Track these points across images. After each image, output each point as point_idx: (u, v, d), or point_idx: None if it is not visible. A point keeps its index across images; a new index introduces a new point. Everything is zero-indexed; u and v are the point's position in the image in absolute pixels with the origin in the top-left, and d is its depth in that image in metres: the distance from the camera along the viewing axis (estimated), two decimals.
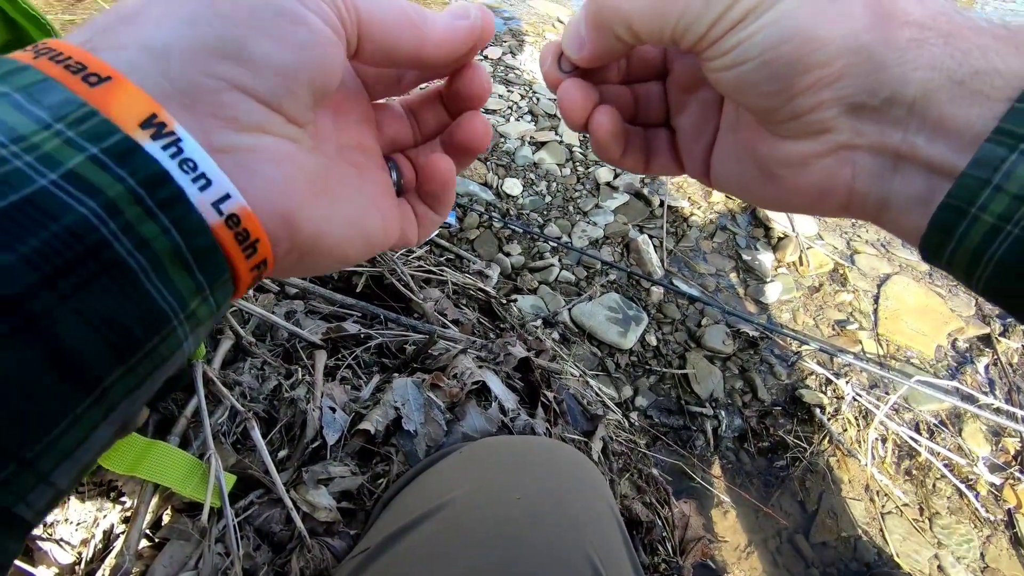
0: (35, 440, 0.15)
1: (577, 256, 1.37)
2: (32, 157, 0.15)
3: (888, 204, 0.24)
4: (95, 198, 0.15)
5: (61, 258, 0.15)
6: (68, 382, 0.15)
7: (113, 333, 0.16)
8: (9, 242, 0.14)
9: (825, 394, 1.24)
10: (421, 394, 0.68)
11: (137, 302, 0.16)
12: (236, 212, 0.18)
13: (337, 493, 0.58)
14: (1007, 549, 1.08)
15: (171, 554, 0.50)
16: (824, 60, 0.22)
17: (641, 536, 0.87)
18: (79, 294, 0.15)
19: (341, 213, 0.24)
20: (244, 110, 0.19)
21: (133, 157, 0.16)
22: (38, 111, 0.15)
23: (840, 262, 1.52)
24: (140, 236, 0.16)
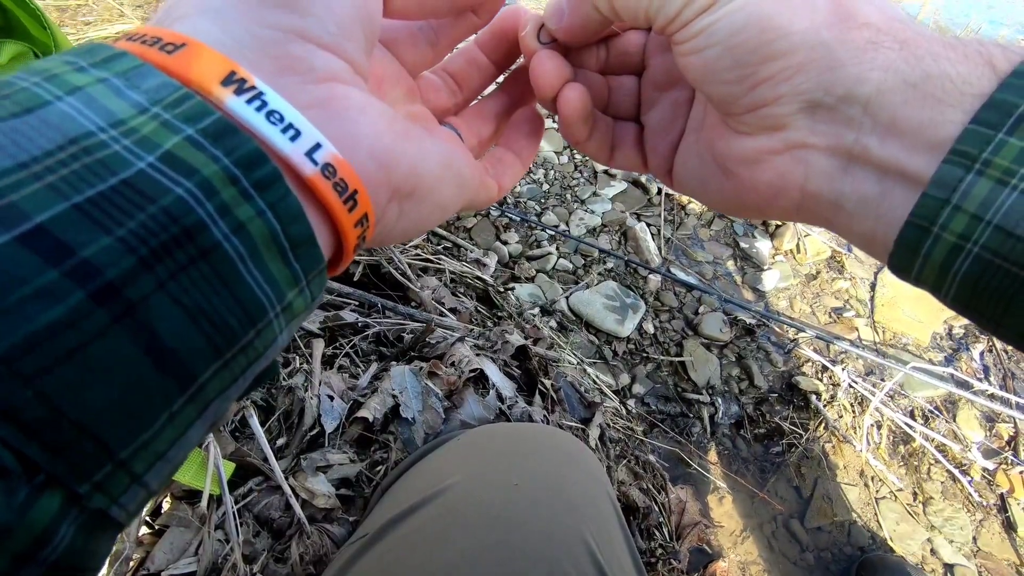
0: (131, 439, 0.14)
1: (575, 244, 1.36)
2: (130, 141, 0.15)
3: (840, 207, 0.24)
4: (191, 178, 0.15)
5: (157, 240, 0.14)
6: (165, 377, 0.14)
7: (210, 324, 0.15)
8: (107, 225, 0.14)
9: (821, 381, 1.25)
10: (419, 382, 0.68)
11: (234, 291, 0.16)
12: (330, 161, 0.18)
13: (336, 480, 0.58)
14: (999, 533, 1.10)
15: (171, 541, 0.50)
16: (785, 50, 0.22)
17: (638, 521, 0.88)
18: (176, 279, 0.14)
19: (431, 153, 0.23)
20: (314, 59, 0.19)
21: (229, 136, 0.16)
22: (136, 95, 0.15)
23: (837, 250, 1.52)
24: (236, 219, 0.15)
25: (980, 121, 0.20)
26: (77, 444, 0.13)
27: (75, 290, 0.13)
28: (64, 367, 0.13)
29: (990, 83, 0.20)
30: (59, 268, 0.13)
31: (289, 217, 0.17)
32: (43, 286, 0.13)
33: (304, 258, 0.17)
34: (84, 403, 0.13)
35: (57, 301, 0.13)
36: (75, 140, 0.14)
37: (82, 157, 0.14)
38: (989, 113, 0.20)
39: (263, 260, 0.16)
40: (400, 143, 0.21)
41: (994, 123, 0.20)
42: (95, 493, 0.14)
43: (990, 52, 0.21)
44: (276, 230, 0.16)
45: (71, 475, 0.13)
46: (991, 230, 0.20)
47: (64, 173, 0.14)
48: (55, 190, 0.13)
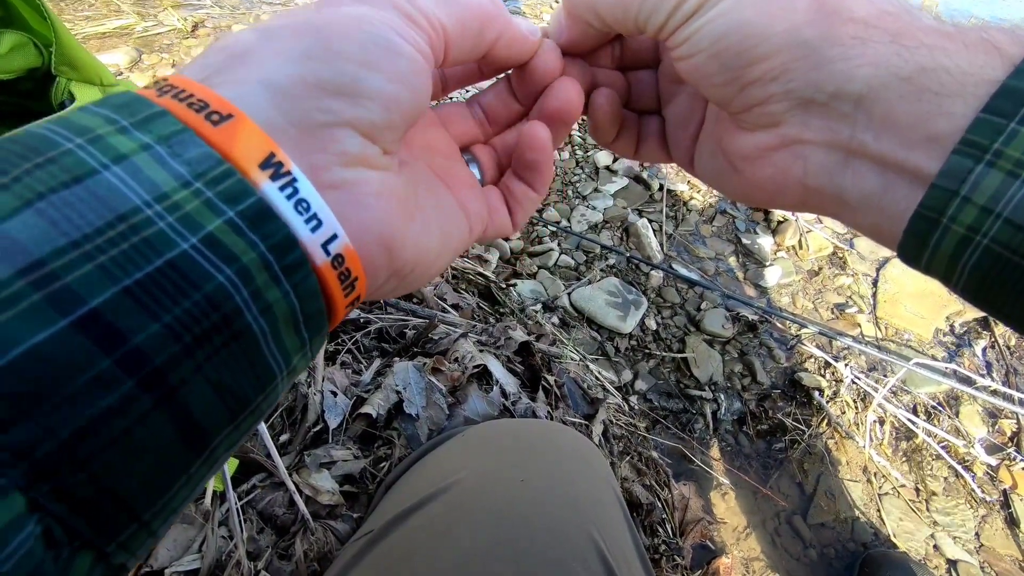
0: (154, 504, 0.16)
1: (576, 240, 1.36)
2: (174, 218, 0.15)
3: (844, 201, 0.24)
4: (231, 265, 0.16)
5: (200, 328, 0.15)
6: (189, 444, 0.16)
7: (232, 398, 0.16)
8: (154, 310, 0.14)
9: (824, 377, 1.25)
10: (422, 378, 0.68)
11: (256, 366, 0.17)
12: (342, 252, 0.19)
13: (339, 476, 0.58)
14: (1002, 529, 1.10)
15: (175, 538, 0.50)
16: (767, 53, 0.23)
17: (641, 518, 0.88)
18: (211, 361, 0.15)
19: (433, 228, 0.24)
20: (351, 144, 0.20)
21: (265, 222, 0.16)
22: (178, 166, 0.16)
23: (839, 246, 1.52)
24: (266, 301, 0.16)
25: (991, 110, 0.20)
26: (114, 515, 0.15)
27: (125, 379, 0.14)
28: (111, 450, 0.14)
29: (997, 70, 0.20)
30: (111, 356, 0.14)
31: (307, 296, 0.18)
32: (97, 374, 0.13)
33: (312, 328, 0.19)
34: (123, 481, 0.14)
35: (109, 389, 0.14)
36: (123, 217, 0.15)
37: (130, 236, 0.14)
38: (1000, 101, 0.19)
39: (281, 336, 0.17)
40: (406, 229, 0.22)
41: (1006, 112, 0.19)
42: (119, 551, 0.15)
43: (994, 38, 0.21)
44: (296, 309, 0.17)
45: (103, 538, 0.15)
46: (1001, 223, 0.20)
47: (114, 253, 0.14)
48: (105, 271, 0.14)
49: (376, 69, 0.20)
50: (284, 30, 0.20)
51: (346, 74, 0.19)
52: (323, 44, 0.19)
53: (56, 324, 0.13)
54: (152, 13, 1.77)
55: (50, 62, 0.43)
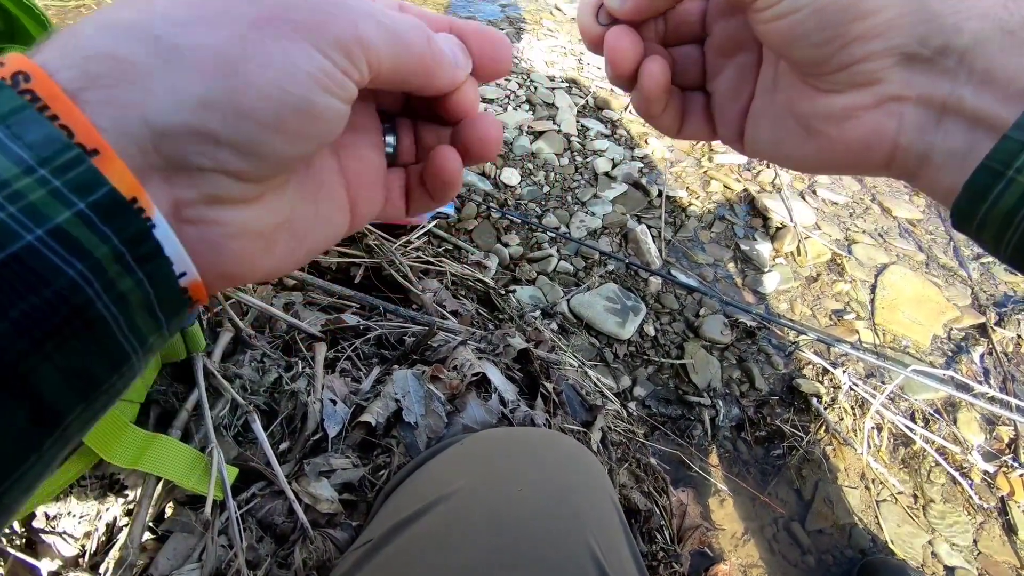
0: (5, 479, 0.15)
1: (575, 246, 1.36)
2: (16, 208, 0.14)
3: (928, 160, 0.24)
4: (83, 260, 0.15)
5: (50, 323, 0.15)
6: (39, 427, 0.16)
7: (81, 380, 0.16)
8: (1, 309, 0.14)
9: (822, 383, 1.25)
10: (421, 386, 0.68)
11: (108, 350, 0.17)
12: (188, 286, 0.19)
13: (339, 485, 0.58)
14: (1000, 536, 1.10)
15: (175, 547, 0.50)
16: (876, 7, 0.22)
17: (639, 525, 0.88)
18: (61, 351, 0.15)
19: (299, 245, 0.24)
20: (223, 187, 0.19)
21: (119, 216, 0.16)
22: (19, 150, 0.15)
23: (838, 252, 1.52)
24: (118, 291, 0.16)
25: None
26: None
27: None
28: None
29: None
30: None
31: (163, 282, 0.17)
32: None
33: (168, 309, 0.18)
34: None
35: None
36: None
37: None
38: None
39: (135, 321, 0.17)
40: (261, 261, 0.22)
41: None
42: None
43: None
44: (150, 295, 0.17)
45: None
46: None
47: None
48: None
49: (282, 132, 0.19)
50: (189, 55, 0.17)
51: (244, 134, 0.18)
52: (230, 97, 0.17)
53: None
54: None
55: None
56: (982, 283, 1.55)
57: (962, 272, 1.56)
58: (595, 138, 1.67)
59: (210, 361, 0.60)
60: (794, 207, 1.59)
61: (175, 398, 0.57)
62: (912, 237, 1.65)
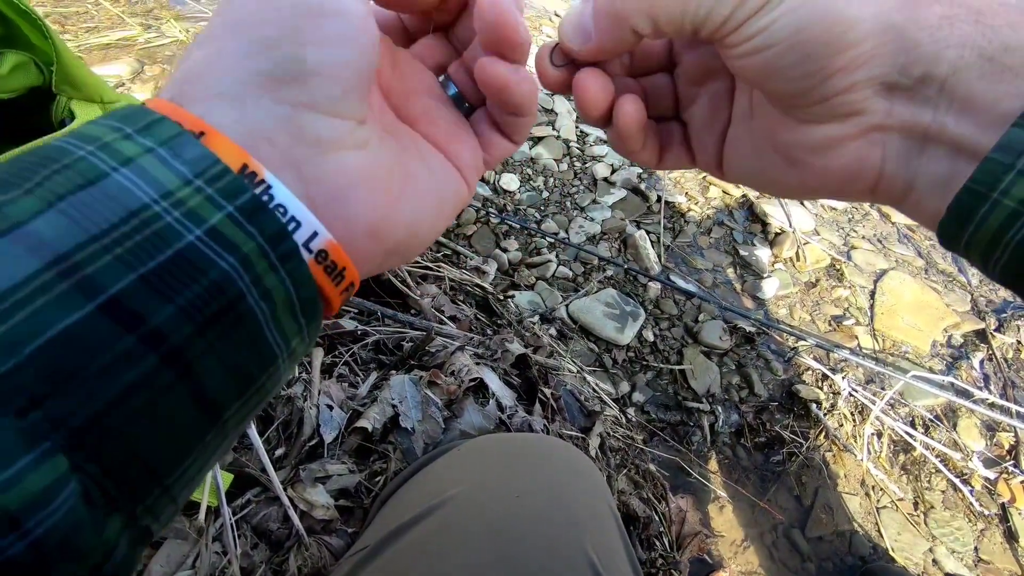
0: (175, 469, 0.17)
1: (574, 252, 1.36)
2: (179, 213, 0.17)
3: (913, 187, 0.24)
4: (233, 254, 0.17)
5: (209, 309, 0.17)
6: (204, 415, 0.17)
7: (239, 374, 0.18)
8: (168, 294, 0.16)
9: (821, 389, 1.25)
10: (419, 391, 0.68)
11: (258, 346, 0.18)
12: (324, 247, 0.20)
13: (335, 491, 0.58)
14: (1001, 543, 1.09)
15: (168, 553, 0.50)
16: (856, 40, 0.22)
17: (638, 531, 0.87)
18: (221, 340, 0.17)
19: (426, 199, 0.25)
20: (319, 128, 0.20)
21: (260, 215, 0.18)
22: (180, 166, 0.17)
23: (837, 258, 1.52)
24: (265, 287, 0.18)
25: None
26: (142, 479, 0.16)
27: (149, 354, 0.16)
28: (137, 420, 0.16)
29: None
30: (134, 334, 0.15)
31: (301, 283, 0.19)
32: (123, 351, 0.15)
33: (308, 313, 0.20)
34: (148, 447, 0.16)
35: (135, 364, 0.15)
36: (135, 213, 0.16)
37: (142, 229, 0.16)
38: None
39: (279, 319, 0.19)
40: (395, 211, 0.23)
41: None
42: (144, 514, 0.17)
43: None
44: (292, 294, 0.19)
45: (132, 501, 0.16)
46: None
47: (129, 245, 0.16)
48: (123, 262, 0.16)
49: (309, 42, 0.20)
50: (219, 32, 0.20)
51: (283, 60, 0.19)
52: (251, 37, 0.20)
53: (83, 309, 0.15)
54: (155, 25, 1.78)
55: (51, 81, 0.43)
56: (981, 289, 1.54)
57: (961, 278, 1.56)
58: (594, 144, 1.67)
59: None
60: (793, 213, 1.59)
61: None
62: (911, 243, 1.65)
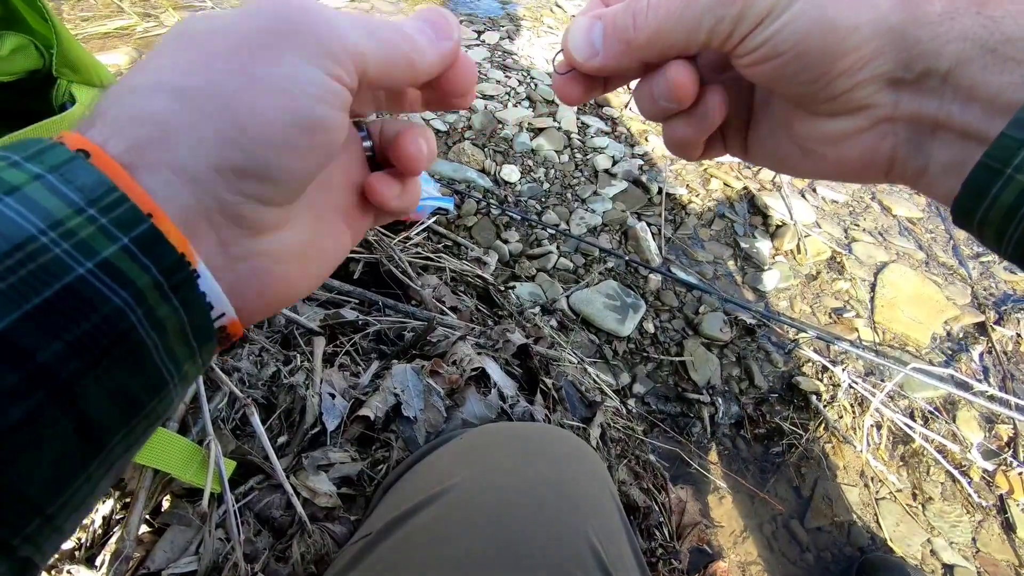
0: (57, 497, 0.17)
1: (575, 243, 1.36)
2: (69, 244, 0.16)
3: (925, 171, 0.25)
4: (127, 288, 0.17)
5: (99, 346, 0.16)
6: (87, 445, 0.17)
7: (124, 401, 0.18)
8: (56, 332, 0.16)
9: (821, 381, 1.25)
10: (420, 380, 0.68)
11: (148, 374, 0.18)
12: (226, 324, 0.21)
13: (337, 479, 0.58)
14: (999, 534, 1.10)
15: (172, 539, 0.50)
16: (856, 44, 0.22)
17: (638, 521, 0.88)
18: (108, 372, 0.17)
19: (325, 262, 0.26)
20: (258, 216, 0.21)
21: (157, 246, 0.18)
22: (70, 193, 0.17)
23: (837, 250, 1.52)
24: (157, 318, 0.18)
25: None
26: (18, 510, 0.16)
27: (34, 392, 0.15)
28: (21, 455, 0.15)
29: None
30: (19, 372, 0.15)
31: (195, 310, 0.19)
32: (8, 388, 0.15)
33: (200, 337, 0.20)
34: (29, 481, 0.16)
35: (20, 400, 0.15)
36: (19, 246, 0.16)
37: (28, 264, 0.16)
38: None
39: (171, 347, 0.19)
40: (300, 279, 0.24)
41: None
42: (24, 544, 0.16)
43: None
44: (184, 322, 0.19)
45: (8, 532, 0.16)
46: None
47: (12, 281, 0.15)
48: (6, 298, 0.15)
49: (291, 152, 0.20)
50: (200, 99, 0.19)
51: (259, 160, 0.20)
52: (239, 128, 0.19)
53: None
54: (154, 14, 1.77)
55: (51, 64, 0.43)
56: (982, 282, 1.55)
57: (962, 271, 1.56)
58: (595, 135, 1.66)
59: None
60: (794, 205, 1.59)
61: None
62: (912, 235, 1.65)
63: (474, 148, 1.51)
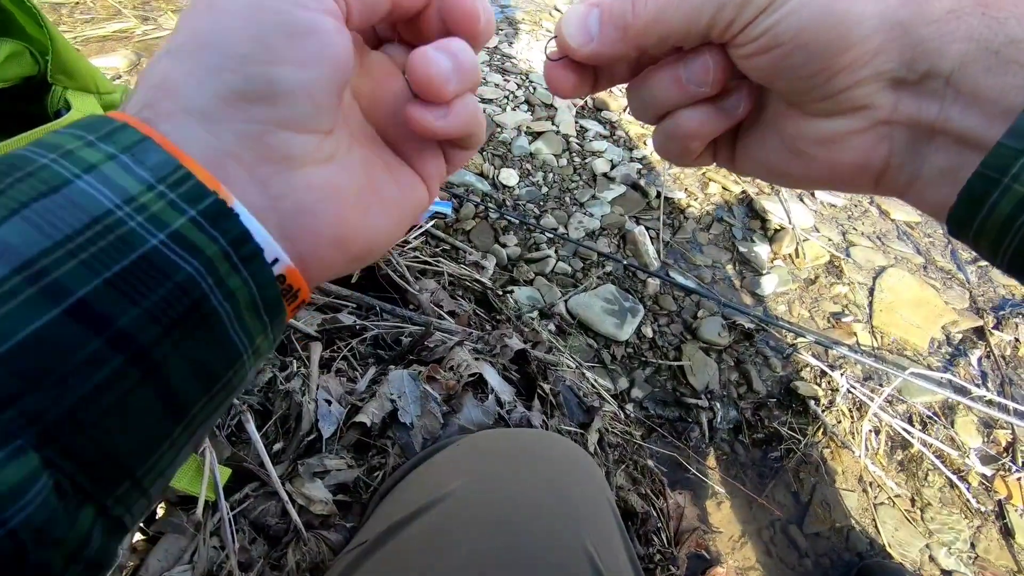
0: (144, 462, 0.18)
1: (573, 247, 1.36)
2: (143, 218, 0.17)
3: (918, 177, 0.24)
4: (197, 257, 0.18)
5: (175, 311, 0.17)
6: (170, 412, 0.18)
7: (204, 372, 0.18)
8: (134, 297, 0.16)
9: (820, 386, 1.25)
10: (417, 386, 0.67)
11: (223, 344, 0.19)
12: (284, 272, 0.20)
13: (333, 486, 0.58)
14: (997, 539, 1.10)
15: (166, 548, 0.50)
16: (860, 38, 0.22)
17: (636, 527, 0.87)
18: (186, 340, 0.17)
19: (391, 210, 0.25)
20: (289, 145, 0.20)
21: (224, 219, 0.18)
22: (142, 172, 0.18)
23: (836, 254, 1.52)
24: (228, 288, 0.18)
25: None
26: (110, 471, 0.17)
27: (115, 356, 0.16)
28: (107, 417, 0.16)
29: None
30: (101, 336, 0.16)
31: (264, 284, 0.20)
32: (91, 352, 0.16)
33: (271, 312, 0.20)
34: (118, 443, 0.17)
35: (103, 365, 0.16)
36: (98, 219, 0.17)
37: (106, 235, 0.16)
38: None
39: (243, 319, 0.19)
40: (360, 221, 0.23)
41: None
42: (116, 505, 0.18)
43: None
44: (255, 295, 0.19)
45: (103, 493, 0.17)
46: None
47: (93, 250, 0.16)
48: (87, 266, 0.16)
49: (284, 61, 0.20)
50: (187, 43, 0.20)
51: (255, 79, 0.19)
52: (223, 52, 0.19)
53: (50, 312, 0.15)
54: (152, 16, 1.77)
55: (46, 70, 0.43)
56: (980, 286, 1.55)
57: (960, 275, 1.56)
58: (594, 139, 1.66)
59: None
60: (792, 209, 1.59)
61: None
62: (910, 240, 1.65)
63: None
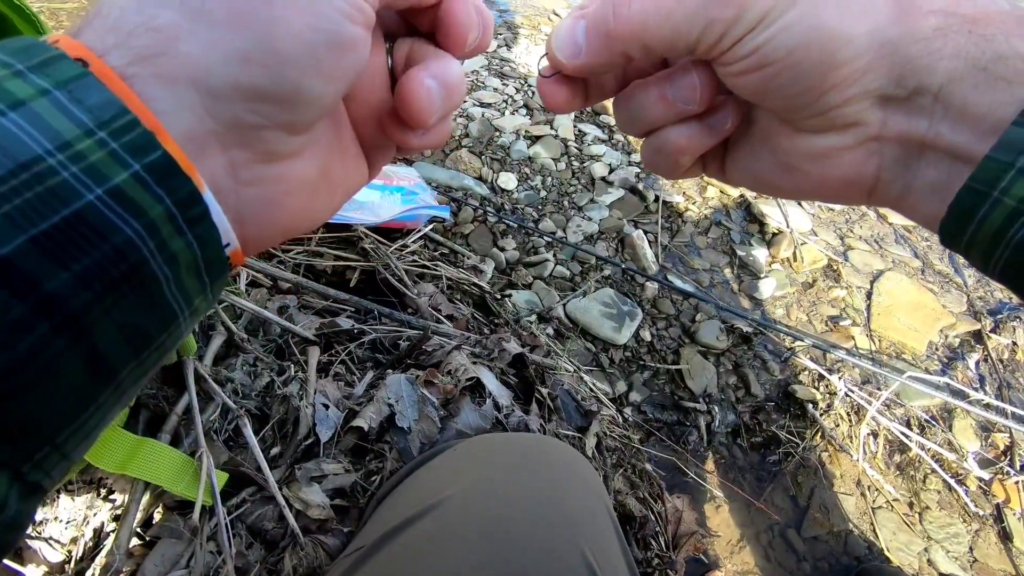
0: (66, 426, 0.17)
1: (572, 251, 1.36)
2: (78, 168, 0.15)
3: (910, 191, 0.24)
4: (139, 219, 0.16)
5: (109, 276, 0.16)
6: (97, 378, 0.17)
7: (134, 334, 0.17)
8: (64, 261, 0.15)
9: (818, 390, 1.25)
10: (415, 390, 0.67)
11: (159, 307, 0.18)
12: (229, 255, 0.20)
13: (330, 490, 0.58)
14: (995, 543, 1.10)
15: (162, 552, 0.49)
16: (850, 57, 0.22)
17: (634, 531, 0.87)
18: (118, 305, 0.16)
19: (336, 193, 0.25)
20: (277, 143, 0.20)
21: (171, 177, 0.17)
22: (80, 114, 0.15)
23: (834, 258, 1.52)
24: (171, 251, 0.17)
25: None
26: (29, 439, 0.16)
27: (41, 322, 0.15)
28: (32, 387, 0.15)
29: None
30: (26, 302, 0.14)
31: (210, 244, 0.19)
32: (16, 319, 0.14)
33: (213, 273, 0.19)
34: (42, 410, 0.16)
35: (28, 332, 0.15)
36: (25, 165, 0.14)
37: (34, 185, 0.14)
38: None
39: (183, 280, 0.18)
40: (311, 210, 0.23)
41: None
42: (33, 470, 0.17)
43: None
44: (198, 256, 0.18)
45: (19, 459, 0.16)
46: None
47: (18, 202, 0.14)
48: (10, 220, 0.14)
49: (319, 74, 0.19)
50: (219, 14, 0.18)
51: (287, 82, 0.18)
52: (266, 45, 0.18)
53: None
54: None
55: None
56: (977, 290, 1.55)
57: (958, 279, 1.57)
58: (592, 143, 1.67)
59: (201, 365, 0.59)
60: (790, 213, 1.59)
61: (165, 402, 0.56)
62: (908, 244, 1.65)
63: (471, 156, 1.51)
